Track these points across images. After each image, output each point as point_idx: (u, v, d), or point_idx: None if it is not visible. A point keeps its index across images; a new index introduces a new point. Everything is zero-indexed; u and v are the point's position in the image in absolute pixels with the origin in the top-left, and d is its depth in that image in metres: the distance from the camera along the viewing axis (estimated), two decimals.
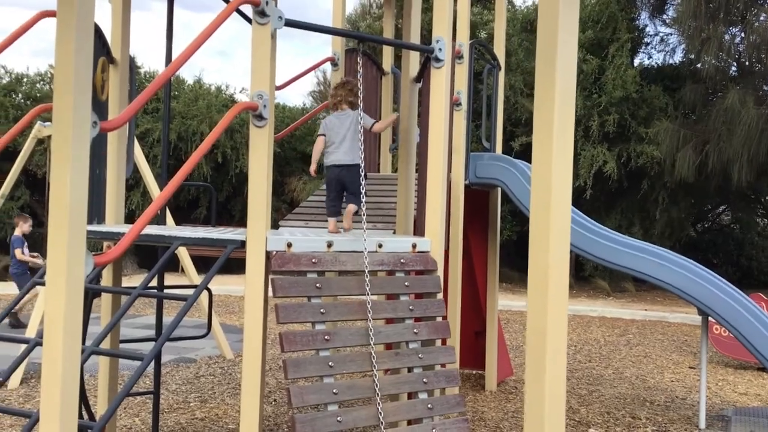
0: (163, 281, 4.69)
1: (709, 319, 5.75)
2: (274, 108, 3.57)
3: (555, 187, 2.80)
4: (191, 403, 5.98)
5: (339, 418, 3.30)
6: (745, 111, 12.78)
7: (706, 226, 19.77)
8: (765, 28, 13.33)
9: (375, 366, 3.48)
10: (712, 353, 8.74)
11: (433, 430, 3.57)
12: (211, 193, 5.81)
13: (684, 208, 15.75)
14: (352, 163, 3.97)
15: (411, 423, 3.60)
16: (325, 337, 3.40)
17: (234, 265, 5.87)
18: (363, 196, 3.89)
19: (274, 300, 3.41)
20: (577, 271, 15.58)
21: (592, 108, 14.56)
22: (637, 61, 16.82)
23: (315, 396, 3.30)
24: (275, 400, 6.14)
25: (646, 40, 16.99)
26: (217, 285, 12.05)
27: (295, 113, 19.23)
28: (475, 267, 6.94)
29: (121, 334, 4.64)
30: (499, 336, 7.00)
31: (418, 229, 4.24)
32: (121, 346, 4.77)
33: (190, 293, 3.37)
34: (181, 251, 7.54)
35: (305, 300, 3.45)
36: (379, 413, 3.41)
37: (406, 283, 3.80)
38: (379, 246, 3.76)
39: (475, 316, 6.98)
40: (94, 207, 4.01)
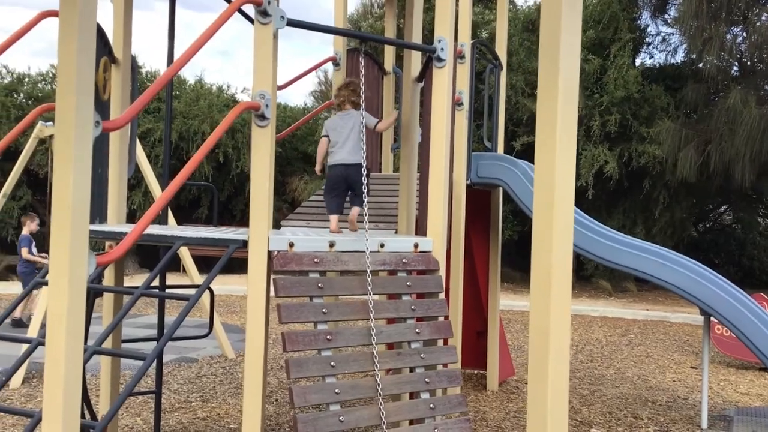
0: (165, 281, 4.69)
1: (711, 319, 5.75)
2: (276, 108, 3.57)
3: (558, 187, 2.80)
4: (193, 403, 5.99)
5: (341, 418, 3.30)
6: (747, 111, 12.77)
7: (708, 226, 19.76)
8: (767, 28, 13.31)
9: (377, 366, 3.48)
10: (714, 353, 8.74)
11: (435, 430, 3.56)
12: (213, 193, 5.81)
13: (686, 208, 15.74)
14: (357, 163, 3.99)
15: (413, 423, 3.60)
16: (327, 336, 3.40)
17: (236, 264, 5.88)
18: (365, 196, 3.90)
19: (276, 300, 3.41)
20: (578, 270, 15.57)
21: (594, 108, 14.55)
22: (638, 60, 16.81)
23: (317, 396, 3.30)
24: (277, 400, 6.14)
25: (647, 39, 16.98)
26: (219, 285, 12.05)
27: (296, 113, 19.23)
28: (477, 267, 6.94)
29: (123, 333, 4.64)
30: (501, 336, 7.00)
31: (420, 229, 4.24)
32: (123, 346, 4.77)
33: (192, 293, 3.37)
34: (183, 251, 7.54)
35: (307, 300, 3.45)
36: (381, 413, 3.41)
37: (408, 283, 3.80)
38: (381, 246, 3.76)
39: (476, 316, 6.98)
40: (96, 206, 4.01)
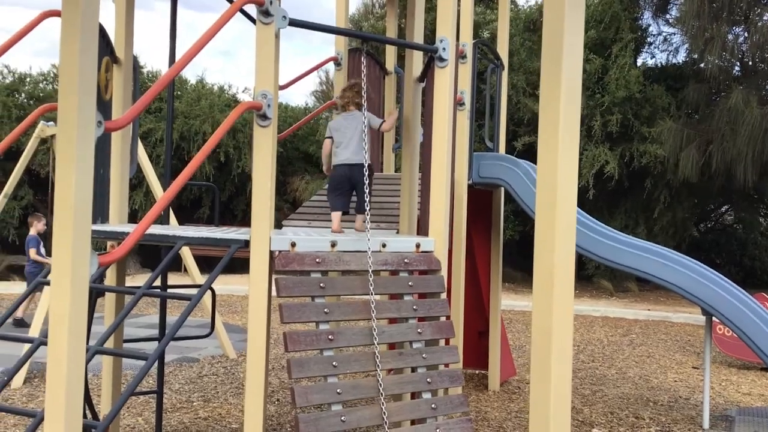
0: (167, 281, 4.69)
1: (713, 319, 5.74)
2: (277, 108, 3.57)
3: (560, 187, 2.79)
4: (194, 403, 5.99)
5: (343, 418, 3.29)
6: (749, 111, 12.76)
7: (709, 226, 19.74)
8: None
9: (379, 366, 3.48)
10: (716, 353, 8.73)
11: (437, 430, 3.56)
12: (214, 193, 5.81)
13: (687, 208, 15.73)
14: (361, 163, 4.00)
15: (414, 423, 3.60)
16: (329, 336, 3.40)
17: (237, 264, 5.88)
18: (367, 195, 3.89)
19: (277, 300, 3.41)
20: (579, 270, 15.56)
21: (595, 108, 14.54)
22: (640, 60, 16.80)
23: (319, 396, 3.30)
24: (278, 400, 6.14)
25: (649, 39, 16.98)
26: (220, 284, 12.06)
27: (297, 113, 19.23)
28: (478, 267, 6.94)
29: (125, 333, 4.65)
30: (502, 336, 7.00)
31: (422, 229, 4.24)
32: (125, 346, 4.78)
33: (194, 293, 3.37)
34: (185, 251, 7.55)
35: (309, 300, 3.45)
36: (383, 413, 3.41)
37: (409, 283, 3.80)
38: (383, 246, 3.76)
39: (478, 316, 6.97)
40: (98, 206, 4.01)
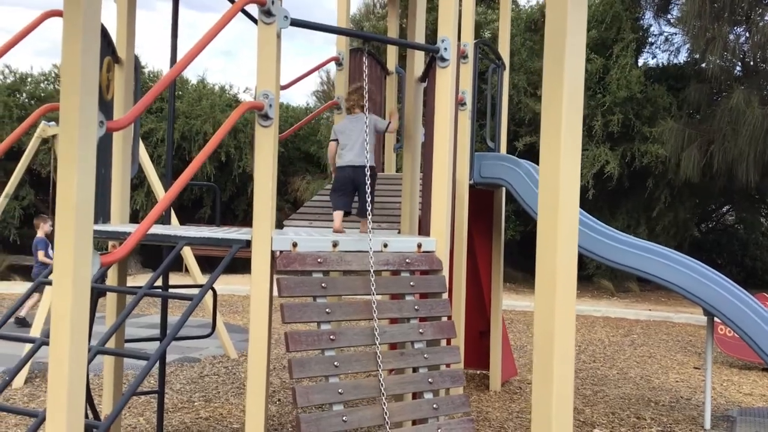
0: (168, 281, 4.70)
1: (715, 319, 5.74)
2: (278, 108, 3.57)
3: (563, 188, 2.79)
4: (196, 403, 5.99)
5: (344, 418, 3.29)
6: (750, 111, 12.75)
7: (710, 226, 19.73)
8: None
9: (380, 366, 3.48)
10: (717, 353, 8.72)
11: (438, 430, 3.56)
12: (216, 193, 5.81)
13: (689, 208, 15.71)
14: (364, 165, 4.01)
15: (416, 423, 3.60)
16: (331, 336, 3.40)
17: (238, 264, 5.87)
18: (369, 196, 3.90)
19: (279, 299, 3.41)
20: (579, 270, 15.51)
21: (596, 108, 14.53)
22: (641, 60, 16.78)
23: (320, 396, 3.30)
24: (279, 400, 6.14)
25: (650, 39, 16.95)
26: (222, 284, 12.05)
27: (298, 113, 19.23)
28: (480, 267, 6.94)
29: (126, 333, 4.65)
30: (503, 336, 6.99)
31: (423, 229, 4.23)
32: (126, 346, 4.78)
33: (195, 293, 3.37)
34: (186, 251, 7.55)
35: (311, 300, 3.45)
36: (385, 413, 3.41)
37: (411, 283, 3.80)
38: (385, 246, 3.76)
39: (479, 316, 6.97)
40: (100, 206, 4.01)
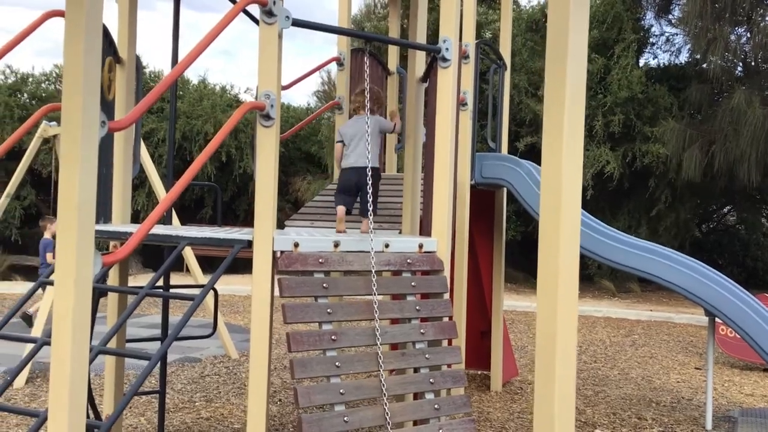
0: (169, 281, 4.70)
1: (716, 320, 5.74)
2: (280, 108, 3.57)
3: (565, 189, 2.79)
4: (197, 403, 5.99)
5: (346, 419, 3.29)
6: (751, 111, 12.74)
7: (712, 226, 19.72)
8: None
9: (381, 366, 3.48)
10: (718, 354, 8.71)
11: (440, 431, 3.56)
12: (217, 193, 5.81)
13: (690, 209, 15.70)
14: (366, 166, 4.01)
15: (417, 423, 3.60)
16: (332, 337, 3.40)
17: (239, 264, 5.88)
18: (370, 196, 3.89)
19: (280, 300, 3.41)
20: (580, 270, 15.50)
21: (597, 108, 14.53)
22: (642, 61, 16.77)
23: (322, 396, 3.30)
24: (280, 400, 6.14)
25: (651, 40, 16.94)
26: (223, 285, 12.05)
27: (299, 113, 19.24)
28: (481, 267, 6.94)
29: (127, 333, 4.65)
30: (505, 336, 6.99)
31: (424, 229, 4.23)
32: (127, 346, 4.78)
33: (196, 293, 3.37)
34: (187, 251, 7.55)
35: (312, 300, 3.45)
36: (386, 413, 3.41)
37: (412, 284, 3.80)
38: (386, 246, 3.76)
39: (480, 317, 6.97)
40: (101, 207, 4.01)
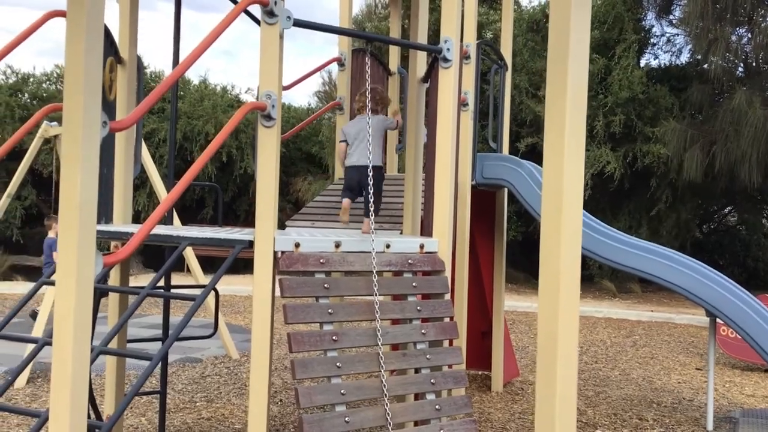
0: (170, 281, 4.70)
1: (717, 320, 5.73)
2: (281, 108, 3.57)
3: (566, 190, 2.78)
4: (197, 403, 5.99)
5: (347, 419, 3.29)
6: (752, 112, 12.73)
7: (712, 227, 19.71)
8: None
9: (382, 366, 3.47)
10: (719, 355, 8.70)
11: (441, 431, 3.56)
12: (218, 193, 5.82)
13: (690, 209, 15.69)
14: (367, 165, 4.02)
15: (418, 424, 3.59)
16: (333, 337, 3.40)
17: (240, 265, 5.88)
18: (372, 197, 3.89)
19: (281, 300, 3.41)
20: (581, 270, 15.48)
21: (598, 108, 14.52)
22: (643, 61, 16.76)
23: (323, 396, 3.30)
24: (281, 401, 6.14)
25: (652, 40, 16.93)
26: (223, 285, 12.04)
27: (300, 113, 19.24)
28: (482, 267, 6.93)
29: (128, 333, 4.65)
30: (505, 337, 6.99)
31: (426, 230, 4.23)
32: (128, 346, 4.78)
33: (197, 293, 3.37)
34: (188, 251, 7.55)
35: (313, 300, 3.45)
36: (387, 414, 3.40)
37: (413, 284, 3.79)
38: (387, 246, 3.76)
39: (481, 317, 6.97)
40: (102, 207, 4.01)
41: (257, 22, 3.63)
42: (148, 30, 19.39)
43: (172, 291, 4.69)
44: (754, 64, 14.71)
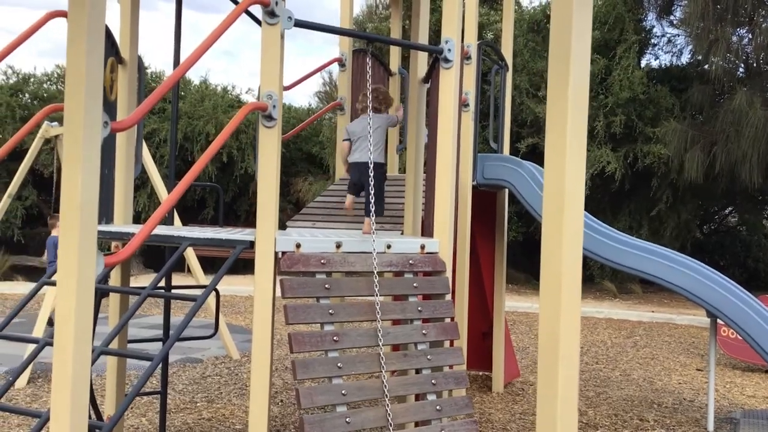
0: (171, 281, 4.70)
1: (718, 321, 5.73)
2: (282, 108, 3.57)
3: (568, 190, 2.78)
4: (198, 404, 5.99)
5: (347, 419, 3.29)
6: (753, 112, 12.73)
7: (713, 227, 19.70)
8: None
9: (383, 367, 3.47)
10: (720, 355, 8.70)
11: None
12: (219, 194, 5.82)
13: (691, 210, 15.69)
14: (368, 162, 4.05)
15: (419, 424, 3.59)
16: (334, 338, 3.39)
17: (241, 265, 5.88)
18: (372, 196, 3.89)
19: (282, 300, 3.41)
20: (582, 271, 15.48)
21: (599, 109, 14.52)
22: (644, 62, 16.76)
23: (323, 397, 3.30)
24: (281, 401, 6.14)
25: (653, 41, 16.92)
26: (224, 285, 12.03)
27: (300, 114, 19.25)
28: (482, 268, 6.93)
29: (129, 334, 4.65)
30: (506, 337, 6.98)
31: (426, 230, 4.23)
32: (129, 346, 4.78)
33: (198, 293, 3.37)
34: (188, 251, 7.55)
35: (314, 301, 3.45)
36: (388, 414, 3.40)
37: (414, 285, 3.79)
38: (388, 247, 3.76)
39: (482, 318, 6.96)
40: (103, 207, 4.01)
41: (258, 22, 3.63)
42: (149, 30, 19.41)
43: (173, 291, 4.69)
44: (754, 65, 14.70)
